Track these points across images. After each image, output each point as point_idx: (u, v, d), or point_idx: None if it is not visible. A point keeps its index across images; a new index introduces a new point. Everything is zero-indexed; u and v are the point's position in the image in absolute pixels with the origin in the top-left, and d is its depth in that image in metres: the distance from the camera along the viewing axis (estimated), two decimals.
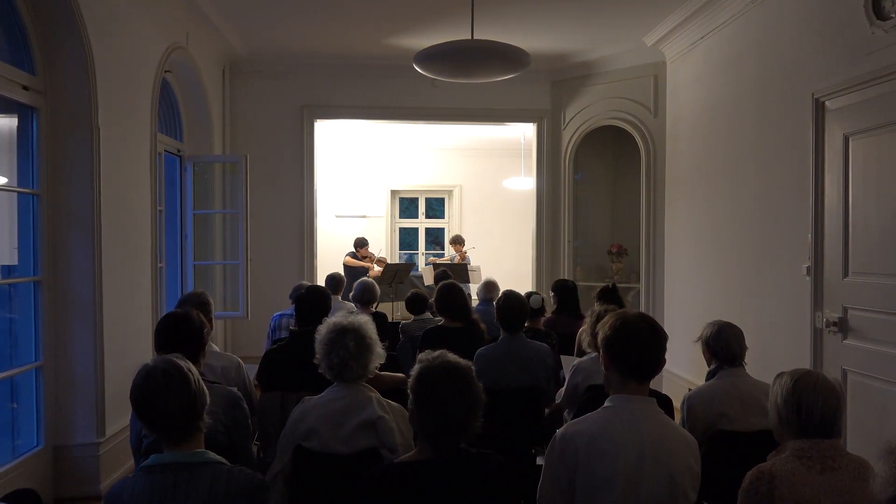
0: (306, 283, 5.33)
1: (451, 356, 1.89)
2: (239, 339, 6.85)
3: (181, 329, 2.52)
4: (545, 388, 3.60)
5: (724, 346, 2.82)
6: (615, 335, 1.93)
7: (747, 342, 2.90)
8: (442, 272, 6.08)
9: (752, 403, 2.71)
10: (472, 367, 1.90)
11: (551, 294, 5.19)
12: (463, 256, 9.58)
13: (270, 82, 6.99)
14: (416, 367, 1.88)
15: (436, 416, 1.79)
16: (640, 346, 1.92)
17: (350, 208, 11.27)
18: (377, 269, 9.26)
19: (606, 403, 1.96)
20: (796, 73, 4.15)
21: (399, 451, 2.30)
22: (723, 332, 2.83)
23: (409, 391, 1.87)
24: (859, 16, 3.52)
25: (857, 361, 3.61)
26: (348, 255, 9.31)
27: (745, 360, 2.89)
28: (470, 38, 4.59)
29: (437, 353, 1.90)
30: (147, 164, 4.75)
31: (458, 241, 9.82)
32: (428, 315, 4.89)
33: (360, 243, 9.41)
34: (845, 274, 3.71)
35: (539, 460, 3.09)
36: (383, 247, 11.22)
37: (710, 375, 2.93)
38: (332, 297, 4.10)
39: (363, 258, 9.29)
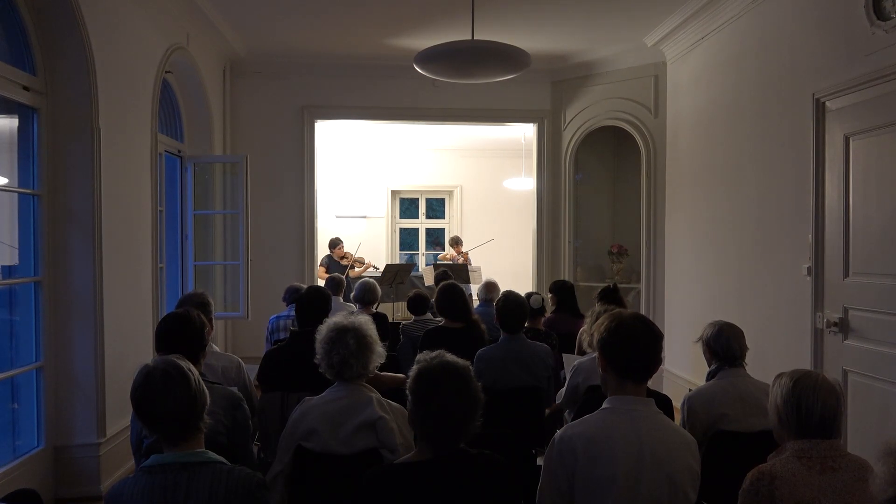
0: (299, 284, 5.32)
1: (450, 356, 1.89)
2: (239, 340, 6.86)
3: (182, 329, 2.52)
4: (545, 388, 3.60)
5: (724, 346, 2.83)
6: (610, 336, 1.93)
7: (748, 342, 2.91)
8: (442, 272, 6.08)
9: (752, 404, 2.71)
10: (471, 367, 1.90)
11: (549, 294, 5.21)
12: (466, 258, 9.55)
13: (271, 82, 6.99)
14: (415, 367, 1.88)
15: (435, 416, 1.79)
16: (636, 346, 1.91)
17: (350, 209, 11.28)
18: (357, 269, 9.07)
19: (604, 405, 1.95)
20: (796, 74, 4.15)
21: (399, 451, 2.30)
22: (723, 332, 2.84)
23: (407, 391, 1.87)
24: (859, 16, 3.52)
25: (858, 362, 3.61)
26: (322, 262, 8.58)
27: (746, 361, 2.89)
28: (470, 38, 4.59)
29: (435, 353, 1.90)
30: (147, 165, 4.76)
31: (456, 243, 9.79)
32: (429, 316, 4.89)
33: (334, 243, 8.93)
34: (846, 274, 3.71)
35: (539, 461, 3.09)
36: (383, 247, 11.23)
37: (709, 376, 2.94)
38: (333, 297, 4.10)
39: (340, 258, 8.90)
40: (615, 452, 1.82)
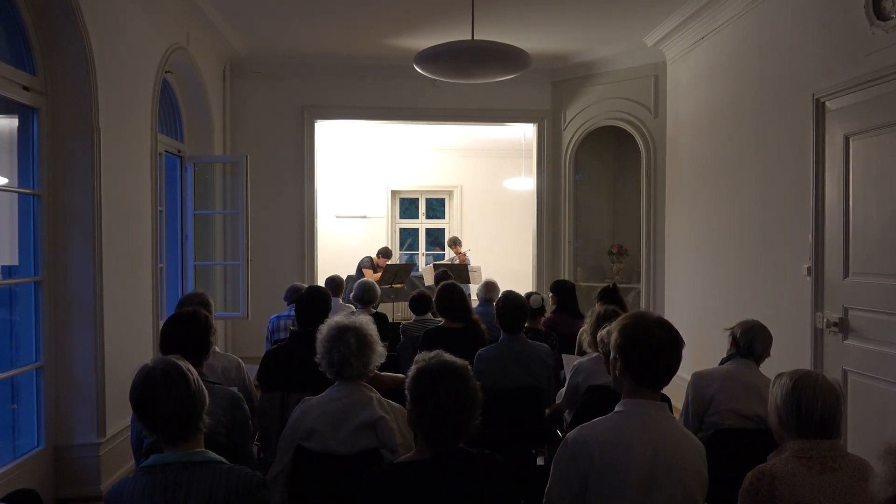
0: (300, 284, 5.32)
1: (448, 356, 1.88)
2: (239, 340, 6.85)
3: (188, 329, 2.53)
4: (545, 388, 3.60)
5: (748, 342, 2.95)
6: (630, 342, 1.87)
7: None
8: (442, 272, 6.08)
9: (752, 391, 2.83)
10: (469, 367, 1.89)
11: (550, 294, 5.20)
12: (463, 258, 9.55)
13: (270, 82, 6.99)
14: (413, 367, 1.88)
15: (433, 416, 1.79)
16: (657, 355, 1.85)
17: (350, 209, 11.28)
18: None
19: (618, 408, 1.91)
20: (796, 74, 4.15)
21: (399, 451, 2.30)
22: (753, 330, 2.96)
23: (406, 391, 1.87)
24: (859, 16, 3.52)
25: (858, 362, 3.61)
26: (368, 264, 8.75)
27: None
28: (470, 38, 4.59)
29: (433, 353, 1.90)
30: (147, 165, 4.76)
31: (455, 243, 9.78)
32: (429, 315, 4.89)
33: (384, 253, 8.95)
34: (846, 274, 3.71)
35: (540, 461, 3.09)
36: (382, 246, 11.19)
37: (722, 362, 3.05)
38: (333, 298, 4.10)
39: (378, 268, 8.86)
40: (631, 457, 1.79)
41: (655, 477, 1.79)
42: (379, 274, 8.62)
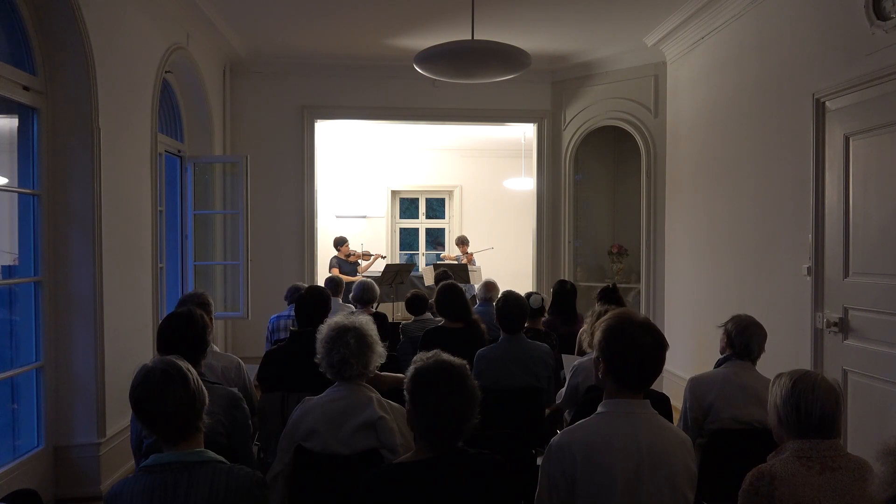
0: (300, 284, 5.33)
1: (445, 355, 1.89)
2: (239, 340, 6.86)
3: (185, 329, 2.53)
4: (546, 388, 3.60)
5: (744, 342, 2.91)
6: (611, 345, 1.87)
7: None
8: (442, 272, 6.08)
9: (752, 395, 2.80)
10: (467, 366, 1.89)
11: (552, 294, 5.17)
12: (470, 258, 9.51)
13: (270, 82, 7.00)
14: (411, 367, 1.89)
15: (431, 415, 1.79)
16: (642, 359, 1.84)
17: (350, 208, 11.28)
18: (364, 264, 9.20)
19: (600, 409, 1.91)
20: (796, 73, 4.15)
21: (399, 451, 2.30)
22: (749, 329, 2.92)
23: (405, 392, 1.87)
24: (859, 16, 3.52)
25: (858, 362, 3.61)
26: (335, 263, 8.79)
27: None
28: (470, 38, 4.59)
29: (430, 353, 1.90)
30: (147, 165, 4.76)
31: (462, 242, 9.72)
32: (428, 315, 4.89)
33: (340, 241, 9.03)
34: (846, 274, 3.71)
35: (539, 461, 3.09)
36: (383, 246, 11.22)
37: (718, 363, 3.01)
38: (332, 298, 4.10)
39: (346, 256, 9.00)
40: (615, 457, 1.80)
41: (641, 474, 1.80)
42: (337, 270, 8.63)
